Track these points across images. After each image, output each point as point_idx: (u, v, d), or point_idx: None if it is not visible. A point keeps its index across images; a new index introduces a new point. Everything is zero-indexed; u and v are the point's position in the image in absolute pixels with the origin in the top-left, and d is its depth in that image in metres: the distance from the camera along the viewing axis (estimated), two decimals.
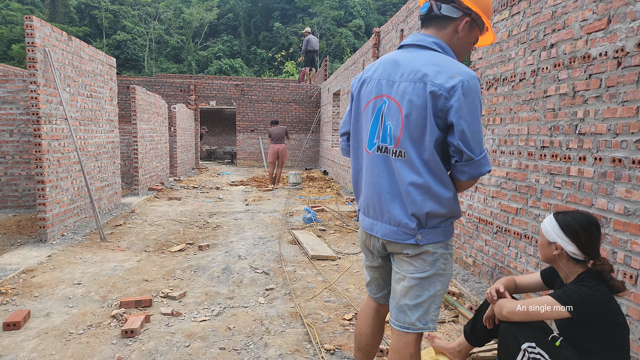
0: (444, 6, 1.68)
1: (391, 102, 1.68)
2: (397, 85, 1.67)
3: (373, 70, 1.81)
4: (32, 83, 4.83)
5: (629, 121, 2.31)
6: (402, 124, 1.64)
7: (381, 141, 1.72)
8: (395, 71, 1.70)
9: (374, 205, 1.79)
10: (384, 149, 1.72)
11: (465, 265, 4.24)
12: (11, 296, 3.51)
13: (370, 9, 48.84)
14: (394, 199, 1.72)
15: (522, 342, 1.90)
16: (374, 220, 1.81)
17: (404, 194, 1.69)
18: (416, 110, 1.61)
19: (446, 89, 1.56)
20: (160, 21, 46.06)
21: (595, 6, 2.57)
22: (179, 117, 12.87)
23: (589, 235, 1.87)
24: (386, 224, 1.76)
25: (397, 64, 1.71)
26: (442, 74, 1.58)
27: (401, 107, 1.65)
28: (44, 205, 5.00)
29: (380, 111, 1.72)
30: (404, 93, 1.65)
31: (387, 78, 1.72)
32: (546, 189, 3.01)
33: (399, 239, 1.72)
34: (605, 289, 1.81)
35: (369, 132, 1.76)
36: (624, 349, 1.81)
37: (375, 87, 1.76)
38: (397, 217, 1.71)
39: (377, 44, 7.62)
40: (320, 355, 2.67)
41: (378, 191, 1.76)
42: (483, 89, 3.93)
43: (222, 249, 5.07)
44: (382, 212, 1.76)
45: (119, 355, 2.61)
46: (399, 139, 1.66)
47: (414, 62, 1.66)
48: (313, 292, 3.75)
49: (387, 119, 1.69)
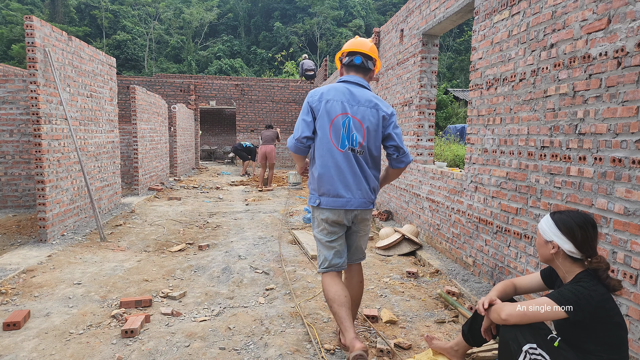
0: (369, 62, 2.70)
1: (354, 119, 2.54)
2: (357, 108, 2.55)
3: (332, 94, 2.56)
4: (32, 83, 4.83)
5: (629, 121, 2.31)
6: (365, 135, 2.56)
7: (351, 145, 2.55)
8: (353, 99, 2.56)
9: (350, 185, 2.54)
10: (352, 149, 2.55)
11: (465, 265, 4.24)
12: (11, 296, 3.51)
13: (370, 9, 48.84)
14: (362, 180, 2.58)
15: (523, 344, 1.89)
16: (351, 197, 2.55)
17: (367, 176, 2.61)
18: (373, 126, 2.57)
19: (388, 114, 2.62)
20: (160, 21, 46.05)
21: (595, 6, 2.57)
22: (179, 117, 12.87)
23: (585, 232, 1.88)
24: (360, 198, 2.57)
25: (353, 94, 2.57)
26: (385, 105, 2.63)
27: (363, 123, 2.55)
28: (44, 205, 5.00)
29: (344, 124, 2.53)
30: (364, 115, 2.55)
31: (348, 102, 2.55)
32: (546, 189, 3.01)
33: (367, 207, 2.62)
34: (601, 289, 1.81)
35: (340, 138, 2.54)
36: (621, 349, 1.81)
37: (340, 107, 2.53)
38: (366, 194, 2.59)
39: (377, 44, 7.62)
40: (320, 355, 2.66)
41: (354, 176, 2.55)
42: (483, 89, 3.93)
43: (222, 249, 5.07)
44: (359, 189, 2.57)
45: (119, 355, 2.61)
46: (362, 144, 2.56)
47: (365, 95, 2.59)
48: (313, 292, 3.74)
49: (352, 130, 2.54)
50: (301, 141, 2.56)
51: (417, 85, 5.64)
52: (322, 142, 2.54)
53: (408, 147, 5.93)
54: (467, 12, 4.53)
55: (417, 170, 5.58)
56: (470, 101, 4.18)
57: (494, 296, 2.11)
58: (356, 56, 2.65)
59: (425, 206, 5.31)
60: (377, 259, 4.80)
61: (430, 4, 5.19)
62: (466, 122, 10.12)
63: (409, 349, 2.77)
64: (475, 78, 4.08)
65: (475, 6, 4.11)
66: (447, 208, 4.66)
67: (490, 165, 3.78)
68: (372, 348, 2.77)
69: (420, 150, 5.71)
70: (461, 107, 21.96)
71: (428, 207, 5.21)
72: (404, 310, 3.40)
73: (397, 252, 4.98)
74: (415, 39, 5.68)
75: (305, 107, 2.59)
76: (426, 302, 3.58)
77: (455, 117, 20.91)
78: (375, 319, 3.17)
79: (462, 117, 20.52)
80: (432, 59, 5.58)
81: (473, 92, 4.13)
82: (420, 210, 5.48)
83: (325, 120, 2.53)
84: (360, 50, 2.65)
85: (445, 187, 4.72)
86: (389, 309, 3.42)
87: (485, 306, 2.06)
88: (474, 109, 4.11)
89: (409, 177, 5.91)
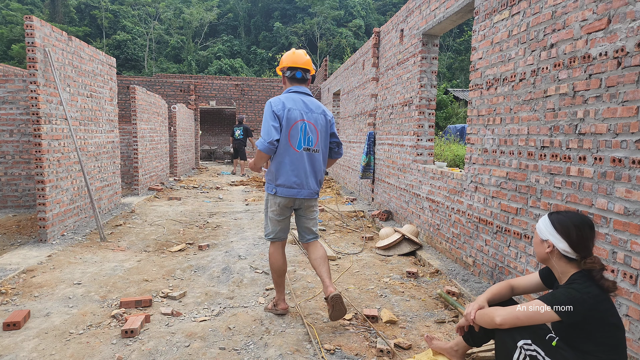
0: (307, 74, 3.20)
1: (309, 124, 3.08)
2: (311, 114, 3.10)
3: (291, 103, 3.05)
4: (32, 83, 4.83)
5: (629, 121, 2.31)
6: (318, 137, 3.13)
7: (306, 145, 3.08)
8: (307, 107, 3.10)
9: (301, 179, 3.07)
10: (308, 149, 3.09)
11: (465, 265, 4.24)
12: (11, 296, 3.51)
13: (370, 9, 48.84)
14: (311, 175, 3.13)
15: (518, 340, 1.92)
16: (300, 189, 3.09)
17: (317, 171, 3.16)
18: (323, 128, 3.16)
19: (331, 117, 3.25)
20: (160, 21, 46.05)
21: (595, 6, 2.57)
22: (179, 117, 12.87)
23: (581, 232, 1.89)
24: (308, 190, 3.12)
25: (306, 103, 3.11)
26: (328, 111, 3.25)
27: (316, 127, 3.12)
28: (44, 205, 5.00)
29: (301, 129, 3.05)
30: (316, 120, 3.12)
31: (303, 110, 3.08)
32: (546, 189, 3.01)
33: (313, 197, 3.19)
34: (595, 290, 1.81)
35: (298, 139, 3.04)
36: (619, 349, 1.82)
37: (298, 115, 3.04)
38: (313, 187, 3.15)
39: (377, 44, 7.62)
40: (320, 355, 2.66)
41: (304, 172, 3.08)
42: (483, 89, 3.93)
43: (222, 249, 5.07)
44: (308, 182, 3.11)
45: (119, 355, 2.61)
46: (317, 143, 3.13)
47: (314, 103, 3.16)
48: (313, 292, 3.74)
49: (308, 133, 3.08)
50: (273, 143, 2.95)
51: (417, 85, 5.64)
52: (282, 143, 3.01)
53: (408, 147, 5.94)
54: (467, 12, 4.53)
55: (417, 170, 5.58)
56: (470, 101, 4.18)
57: (483, 302, 2.14)
58: (297, 71, 3.16)
59: (425, 206, 5.31)
60: (377, 259, 4.80)
61: (430, 4, 5.19)
62: (466, 122, 10.13)
63: (409, 349, 2.77)
64: (475, 78, 4.08)
65: (475, 6, 4.11)
66: (447, 208, 4.66)
67: (490, 165, 3.78)
68: (372, 348, 2.77)
69: (420, 150, 5.71)
70: (461, 107, 21.96)
71: (428, 207, 5.21)
72: (404, 310, 3.40)
73: (397, 252, 4.98)
74: (415, 39, 5.68)
75: (271, 114, 2.98)
76: (426, 302, 3.58)
77: (455, 117, 20.91)
78: (375, 319, 3.17)
79: (462, 117, 20.51)
80: (432, 59, 5.58)
81: (473, 92, 4.13)
82: (420, 210, 5.48)
83: (287, 125, 3.01)
84: (298, 66, 3.16)
85: (445, 187, 4.72)
86: (389, 309, 3.42)
87: (472, 317, 2.11)
88: (474, 109, 4.11)
89: (409, 177, 5.91)
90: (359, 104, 9.15)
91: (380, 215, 6.58)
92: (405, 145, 6.09)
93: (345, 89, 10.88)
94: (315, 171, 3.13)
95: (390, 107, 6.81)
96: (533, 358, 1.87)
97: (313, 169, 3.12)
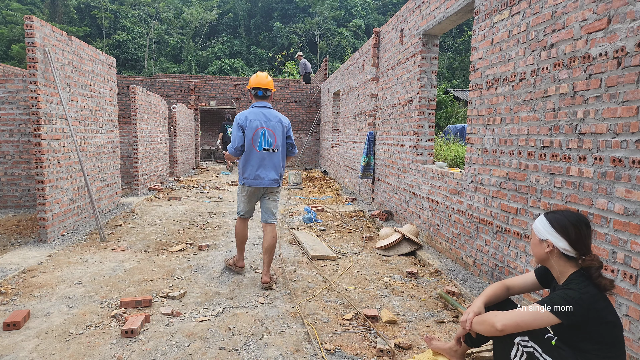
0: (268, 92, 4.09)
1: (268, 130, 3.97)
2: (269, 123, 3.99)
3: (253, 116, 3.97)
4: (32, 83, 4.83)
5: (629, 121, 2.31)
6: (275, 139, 4.00)
7: (266, 146, 3.97)
8: (265, 117, 4.00)
9: (264, 174, 3.97)
10: (268, 149, 3.98)
11: (465, 265, 4.24)
12: (11, 296, 3.51)
13: (370, 9, 48.84)
14: (272, 170, 4.01)
15: (515, 336, 1.93)
16: (262, 180, 3.98)
17: (277, 166, 4.04)
18: (280, 133, 4.03)
19: (288, 124, 4.12)
20: (160, 21, 46.05)
21: (595, 6, 2.57)
22: (179, 117, 12.87)
23: (578, 230, 1.90)
24: (268, 180, 4.00)
25: (265, 115, 4.00)
26: (284, 119, 4.11)
27: (274, 132, 4.00)
28: (44, 205, 5.00)
29: (261, 134, 3.95)
30: (274, 127, 4.00)
31: (263, 120, 3.98)
32: (546, 189, 3.01)
33: (273, 185, 4.05)
34: (592, 290, 1.82)
35: (259, 142, 3.95)
36: (617, 347, 1.82)
37: (258, 124, 3.95)
38: (272, 177, 4.01)
39: (377, 44, 7.62)
40: (320, 355, 2.67)
41: (266, 167, 3.98)
42: (483, 89, 3.93)
43: (222, 249, 5.07)
44: (268, 175, 3.99)
45: (119, 355, 2.61)
46: (275, 145, 4.00)
47: (272, 114, 4.05)
48: (313, 292, 3.75)
49: (267, 137, 3.97)
50: (238, 148, 3.96)
51: (417, 85, 5.64)
52: (247, 146, 3.95)
53: (408, 147, 5.95)
54: (467, 12, 4.53)
55: (417, 170, 5.58)
56: (470, 101, 4.18)
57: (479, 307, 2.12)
58: (259, 90, 4.07)
59: (425, 206, 5.31)
60: (377, 259, 4.80)
61: (430, 4, 5.19)
62: (466, 122, 10.13)
63: (409, 349, 2.77)
64: (475, 78, 4.08)
65: (475, 6, 4.11)
66: (447, 208, 4.66)
67: (490, 165, 3.78)
68: (372, 348, 2.77)
69: (420, 150, 5.71)
70: (461, 107, 21.95)
71: (428, 207, 5.21)
72: (404, 310, 3.40)
73: (397, 252, 4.98)
74: (415, 39, 5.68)
75: (237, 126, 3.97)
76: (426, 302, 3.58)
77: (455, 117, 20.91)
78: (375, 319, 3.17)
79: (462, 117, 20.51)
80: (432, 59, 5.58)
81: (473, 92, 4.13)
82: (420, 210, 5.48)
83: (249, 132, 3.93)
84: (260, 86, 4.05)
85: (445, 187, 4.72)
86: (389, 309, 3.42)
87: (468, 327, 2.09)
88: (474, 109, 4.11)
89: (409, 177, 5.91)
90: (359, 104, 9.15)
91: (380, 215, 6.58)
92: (405, 145, 6.09)
93: (345, 89, 10.88)
94: (274, 166, 4.03)
95: (390, 107, 6.81)
96: (530, 355, 1.88)
97: (273, 164, 4.02)
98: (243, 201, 4.15)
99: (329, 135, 13.84)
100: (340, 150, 11.37)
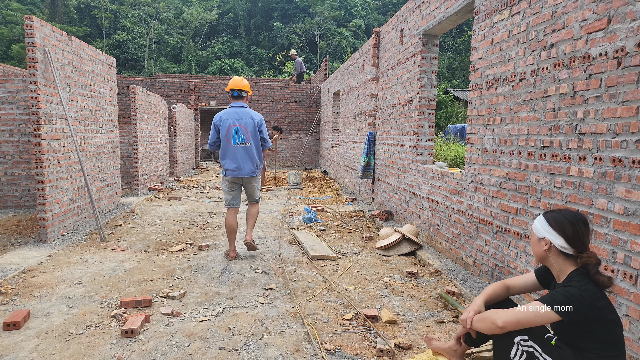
0: (243, 92, 4.71)
1: (241, 127, 4.59)
2: (241, 120, 4.60)
3: (227, 115, 4.60)
4: (32, 83, 4.83)
5: (629, 121, 2.32)
6: (248, 135, 4.62)
7: (240, 141, 4.59)
8: (238, 116, 4.61)
9: (241, 165, 4.60)
10: (242, 144, 4.60)
11: (465, 265, 4.24)
12: (11, 296, 3.51)
13: (370, 9, 48.84)
14: (248, 161, 4.63)
15: (514, 336, 1.93)
16: (240, 170, 4.61)
17: (252, 157, 4.64)
18: (252, 129, 4.64)
19: (259, 120, 4.72)
20: (160, 21, 46.05)
21: (595, 6, 2.57)
22: (179, 117, 12.87)
23: (576, 228, 1.91)
24: (245, 170, 4.62)
25: (238, 113, 4.61)
26: (257, 116, 4.71)
27: (246, 129, 4.61)
28: (44, 205, 5.00)
29: (235, 131, 4.58)
30: (246, 124, 4.61)
31: (235, 119, 4.59)
32: (546, 189, 3.01)
33: (250, 175, 4.67)
34: (592, 288, 1.83)
35: (233, 138, 4.58)
36: (617, 346, 1.82)
37: (232, 122, 4.58)
38: (249, 168, 4.65)
39: (377, 44, 7.62)
40: (320, 355, 2.67)
41: (242, 159, 4.60)
42: (483, 89, 3.93)
43: (222, 249, 5.07)
44: (245, 166, 4.62)
45: (119, 355, 2.61)
46: (248, 139, 4.62)
47: (245, 112, 4.65)
48: (313, 292, 3.74)
49: (240, 133, 4.59)
50: (212, 144, 4.69)
51: (417, 85, 5.64)
52: (224, 142, 4.61)
53: (408, 147, 5.95)
54: (467, 12, 4.53)
55: (417, 170, 5.58)
56: (470, 101, 4.18)
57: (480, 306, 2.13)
58: (234, 91, 4.68)
59: (425, 206, 5.31)
60: (377, 259, 4.80)
61: (430, 4, 5.19)
62: (466, 122, 10.13)
63: (409, 349, 2.77)
64: (475, 78, 4.08)
65: (475, 6, 4.11)
66: (447, 208, 4.66)
67: (490, 165, 3.78)
68: (372, 348, 2.77)
69: (420, 150, 5.71)
70: (461, 107, 21.96)
71: (428, 207, 5.21)
72: (404, 310, 3.40)
73: (397, 252, 4.98)
74: (415, 39, 5.68)
75: (213, 125, 4.62)
76: (426, 302, 3.58)
77: (455, 117, 20.91)
78: (375, 319, 3.17)
79: (462, 117, 20.51)
80: (432, 59, 5.58)
81: (473, 92, 4.13)
82: (420, 210, 5.48)
83: (224, 130, 4.59)
84: (236, 87, 4.65)
85: (445, 187, 4.72)
86: (389, 309, 3.42)
87: (468, 325, 2.10)
88: (474, 109, 4.11)
89: (409, 177, 5.91)
90: (359, 104, 9.15)
91: (380, 215, 6.58)
92: (405, 145, 6.09)
93: (345, 89, 10.88)
94: (250, 157, 4.63)
95: (390, 107, 6.81)
96: (530, 354, 1.88)
97: (248, 156, 4.63)
98: (226, 191, 4.71)
99: (329, 135, 13.84)
100: (340, 150, 11.37)
